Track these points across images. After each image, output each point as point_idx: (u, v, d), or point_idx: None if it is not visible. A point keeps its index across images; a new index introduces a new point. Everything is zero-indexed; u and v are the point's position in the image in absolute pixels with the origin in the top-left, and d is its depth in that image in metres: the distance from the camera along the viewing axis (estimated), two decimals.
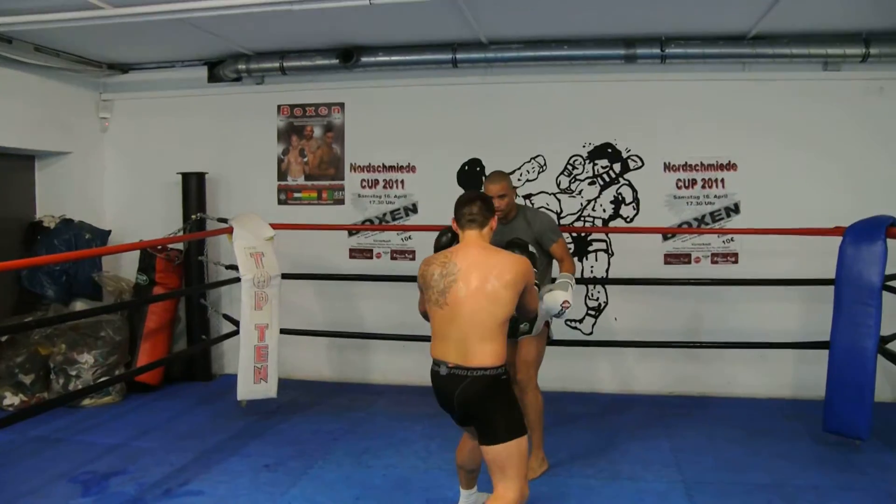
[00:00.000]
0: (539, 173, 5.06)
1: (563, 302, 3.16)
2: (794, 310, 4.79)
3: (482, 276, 2.59)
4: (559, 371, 4.88)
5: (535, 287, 2.70)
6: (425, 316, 2.74)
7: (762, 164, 4.82)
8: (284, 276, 4.47)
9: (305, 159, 5.39)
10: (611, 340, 4.94)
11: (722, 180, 4.90)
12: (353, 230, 5.28)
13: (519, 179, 5.08)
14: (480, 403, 2.59)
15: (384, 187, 5.27)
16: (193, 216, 5.19)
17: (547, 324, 3.62)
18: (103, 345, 4.84)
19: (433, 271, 2.67)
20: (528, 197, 5.08)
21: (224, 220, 4.79)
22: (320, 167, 5.37)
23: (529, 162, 5.08)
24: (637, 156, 5.00)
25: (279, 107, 5.44)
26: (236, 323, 4.65)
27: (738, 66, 4.81)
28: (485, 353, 2.57)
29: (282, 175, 5.44)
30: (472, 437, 2.86)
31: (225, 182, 5.51)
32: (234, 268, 4.55)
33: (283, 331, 4.50)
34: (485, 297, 2.57)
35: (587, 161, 5.03)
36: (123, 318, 5.07)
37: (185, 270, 5.32)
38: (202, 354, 5.43)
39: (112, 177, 5.68)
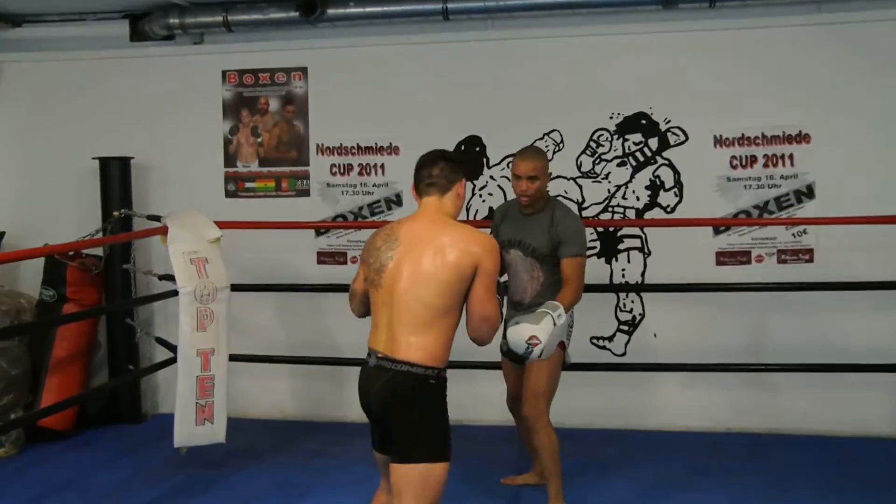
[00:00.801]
0: (554, 153, 4.86)
1: (531, 338, 3.05)
2: (890, 322, 4.56)
3: (422, 253, 2.57)
4: (584, 402, 4.78)
5: (495, 285, 2.59)
6: (355, 300, 2.78)
7: (843, 134, 4.63)
8: (235, 288, 4.26)
9: (259, 139, 5.18)
10: (649, 363, 4.77)
11: (790, 156, 4.71)
12: (321, 228, 5.10)
13: None
14: (398, 407, 2.56)
15: (360, 174, 5.12)
16: (116, 213, 5.01)
17: (562, 345, 3.54)
18: None
19: (375, 243, 2.68)
20: None
21: (156, 218, 4.63)
22: (279, 149, 5.18)
23: (542, 139, 4.88)
24: (679, 128, 4.77)
25: (224, 73, 5.28)
26: (173, 348, 4.57)
27: (811, 6, 4.60)
28: (411, 346, 2.55)
29: (230, 160, 5.27)
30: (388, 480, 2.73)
31: (157, 169, 5.38)
32: (170, 278, 4.45)
33: (233, 357, 4.28)
34: (418, 280, 2.55)
35: (615, 136, 4.82)
36: (22, 345, 4.88)
37: (106, 283, 5.16)
38: (129, 390, 5.26)
39: (4, 163, 5.51)
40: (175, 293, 4.24)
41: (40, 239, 4.91)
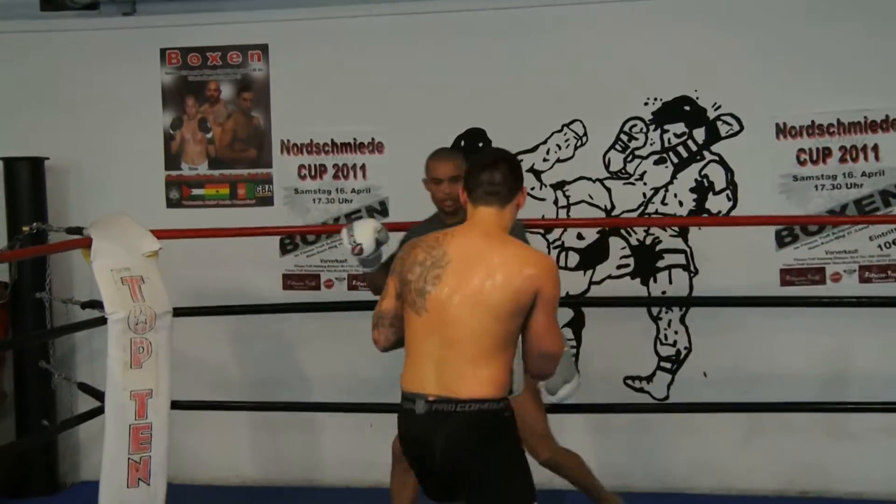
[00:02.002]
0: (576, 148, 4.80)
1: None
2: None
3: (480, 274, 2.62)
4: (616, 457, 4.68)
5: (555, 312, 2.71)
6: (385, 323, 2.81)
7: None
8: (178, 313, 4.16)
9: (209, 135, 5.15)
10: (699, 402, 4.60)
11: (874, 148, 4.59)
12: (288, 245, 5.06)
13: (545, 160, 4.82)
14: (475, 454, 2.63)
15: (336, 177, 5.06)
16: (25, 228, 4.82)
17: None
18: None
19: (416, 257, 2.71)
20: (560, 186, 4.82)
21: (77, 231, 4.48)
22: (233, 147, 5.13)
23: (561, 132, 4.80)
24: (731, 115, 4.71)
25: (164, 52, 5.18)
26: (99, 396, 4.38)
27: None
28: (481, 379, 2.61)
29: (172, 161, 5.20)
30: None
31: (78, 173, 5.24)
32: (96, 304, 4.35)
33: (176, 403, 4.20)
34: (482, 305, 2.61)
35: (652, 127, 4.77)
36: None
37: (14, 314, 5.01)
38: (43, 451, 5.04)
39: None
40: (102, 321, 4.13)
41: None
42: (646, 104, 4.71)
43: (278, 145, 5.03)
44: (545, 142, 4.80)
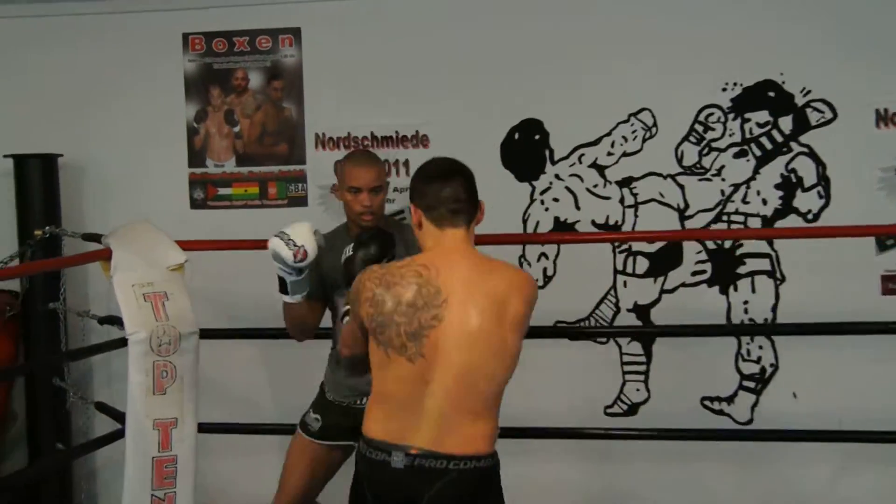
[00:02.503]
0: (644, 140, 4.69)
1: None
2: None
3: (481, 308, 2.58)
4: (690, 488, 4.60)
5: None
6: (356, 362, 2.88)
7: None
8: (205, 334, 4.03)
9: (236, 129, 5.07)
10: (790, 430, 4.41)
11: None
12: None
13: (610, 154, 4.71)
14: None
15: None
16: (38, 232, 4.77)
17: None
18: None
19: (399, 294, 2.60)
20: (627, 183, 4.70)
21: (95, 238, 4.39)
22: (263, 142, 5.06)
23: (627, 122, 4.70)
24: (823, 101, 4.58)
25: (187, 37, 5.09)
26: (119, 417, 4.33)
27: None
28: (478, 433, 2.59)
29: (196, 157, 5.12)
30: None
31: (95, 171, 5.17)
32: (116, 321, 4.31)
33: (203, 427, 4.06)
34: (489, 348, 2.58)
35: (731, 116, 4.66)
36: None
37: (26, 329, 4.95)
38: (59, 478, 4.96)
39: None
40: (122, 342, 4.01)
41: None
42: (724, 90, 4.61)
43: (312, 139, 4.94)
44: (609, 133, 4.69)
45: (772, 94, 4.59)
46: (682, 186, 4.64)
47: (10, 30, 5.14)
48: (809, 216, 4.59)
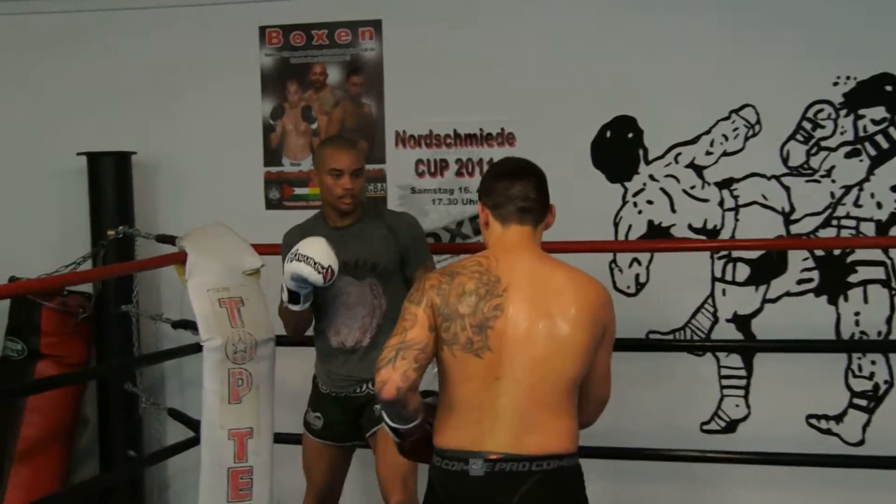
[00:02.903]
0: (747, 139, 4.59)
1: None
2: None
3: (546, 302, 2.58)
4: None
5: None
6: (409, 356, 2.55)
7: None
8: (282, 342, 4.11)
9: (314, 126, 5.09)
10: None
11: None
12: None
13: (709, 153, 4.63)
14: None
15: (459, 174, 4.95)
16: (111, 233, 4.83)
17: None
18: None
19: (463, 284, 2.61)
20: (727, 184, 4.61)
21: (169, 240, 4.48)
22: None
23: (728, 119, 4.60)
24: None
25: (264, 30, 5.12)
26: (194, 425, 4.40)
27: None
28: (558, 431, 2.57)
29: (272, 155, 5.15)
30: None
31: (168, 170, 5.25)
32: (190, 326, 4.38)
33: (280, 437, 4.14)
34: (556, 342, 2.57)
35: (843, 112, 4.54)
36: None
37: (98, 332, 5.01)
38: (130, 486, 5.02)
39: None
40: (197, 348, 4.13)
41: (4, 270, 4.87)
42: (835, 84, 4.49)
43: (392, 137, 4.94)
44: (709, 132, 4.61)
45: (889, 88, 4.45)
46: (787, 188, 4.56)
47: (83, 23, 5.19)
48: None
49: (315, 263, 3.32)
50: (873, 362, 4.52)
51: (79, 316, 4.85)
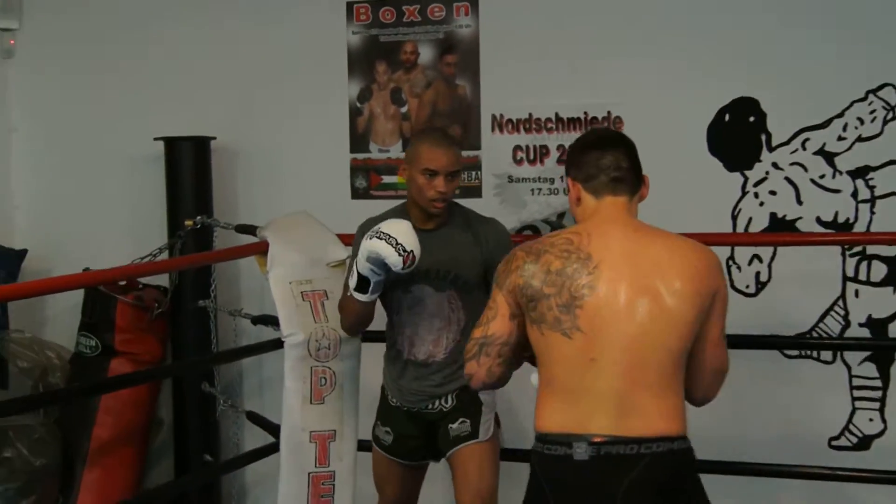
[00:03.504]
0: (885, 122, 4.47)
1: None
2: None
3: (643, 276, 2.59)
4: None
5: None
6: (491, 352, 2.70)
7: None
8: (368, 337, 4.13)
9: (404, 109, 5.10)
10: None
11: None
12: None
13: (841, 138, 4.54)
14: None
15: (561, 161, 4.85)
16: (189, 222, 4.90)
17: (497, 421, 3.70)
18: (8, 475, 4.73)
19: (549, 263, 2.63)
20: (861, 173, 4.51)
21: (250, 230, 4.54)
22: (433, 124, 5.05)
23: (865, 101, 4.47)
24: None
25: (351, 6, 5.14)
26: (274, 429, 4.45)
27: None
28: (666, 411, 2.56)
29: (359, 141, 5.18)
30: None
31: (249, 156, 5.30)
32: (271, 321, 4.47)
33: (364, 444, 4.13)
34: (653, 316, 2.57)
35: None
36: (49, 422, 4.92)
37: (174, 328, 5.12)
38: (206, 491, 5.10)
39: (23, 148, 5.57)
40: (278, 345, 4.20)
41: (77, 262, 4.93)
42: None
43: (489, 121, 4.93)
44: (841, 115, 4.50)
45: None
46: None
47: (161, 4, 5.27)
48: None
49: (397, 244, 3.24)
50: None
51: (154, 311, 4.92)
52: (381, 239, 3.23)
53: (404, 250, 3.21)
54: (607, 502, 2.56)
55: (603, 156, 2.71)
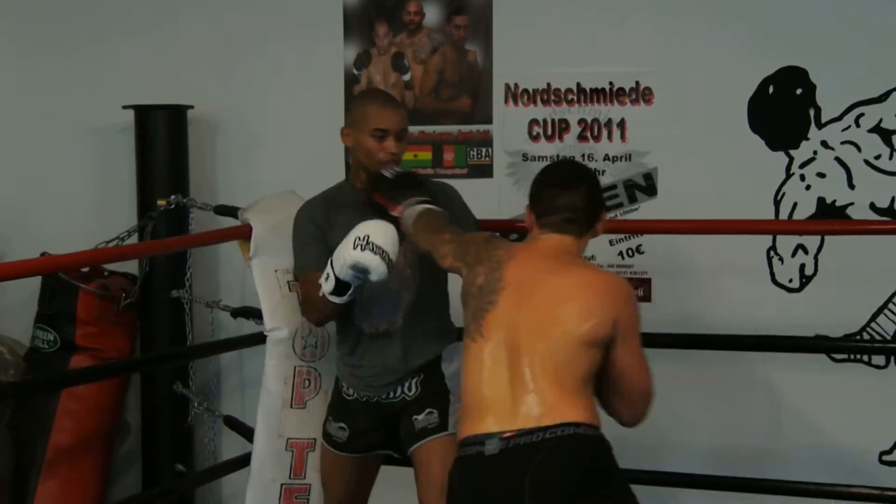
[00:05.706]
0: None
1: None
2: None
3: (542, 298, 2.97)
4: None
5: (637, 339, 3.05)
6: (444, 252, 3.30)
7: None
8: None
9: (407, 77, 5.13)
10: None
11: None
12: (514, 230, 4.75)
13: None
14: (583, 497, 2.78)
15: (583, 138, 4.94)
16: (161, 202, 4.90)
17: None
18: None
19: (476, 274, 3.12)
20: None
21: (231, 212, 4.60)
22: (439, 94, 5.13)
23: None
24: None
25: None
26: (250, 434, 4.44)
27: None
28: (568, 404, 2.85)
29: None
30: None
31: (230, 128, 5.32)
32: (252, 314, 4.57)
33: None
34: (545, 331, 2.93)
35: None
36: (1, 425, 4.98)
37: (143, 321, 5.16)
38: None
39: None
40: (259, 339, 4.23)
41: (34, 245, 4.87)
42: None
43: (502, 92, 4.95)
44: (892, 91, 4.55)
45: None
46: None
47: None
48: None
49: (384, 254, 3.34)
50: None
51: (121, 302, 4.90)
52: (373, 252, 3.30)
53: (391, 261, 3.32)
54: (516, 490, 2.79)
55: (560, 195, 3.08)
